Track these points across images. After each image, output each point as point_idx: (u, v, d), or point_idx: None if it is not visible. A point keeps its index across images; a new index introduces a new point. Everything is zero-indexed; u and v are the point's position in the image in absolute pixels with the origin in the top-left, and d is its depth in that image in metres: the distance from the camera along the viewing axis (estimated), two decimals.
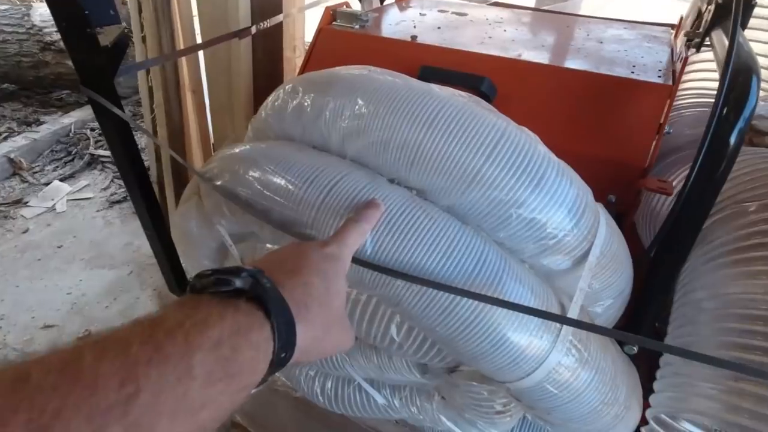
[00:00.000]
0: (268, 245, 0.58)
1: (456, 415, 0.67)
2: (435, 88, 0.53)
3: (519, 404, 0.59)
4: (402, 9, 1.21)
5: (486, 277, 0.46)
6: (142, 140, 2.37)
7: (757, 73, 0.51)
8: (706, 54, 0.92)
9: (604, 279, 0.52)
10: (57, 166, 2.78)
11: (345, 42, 0.94)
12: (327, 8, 0.99)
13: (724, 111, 0.51)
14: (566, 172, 0.49)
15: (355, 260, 0.45)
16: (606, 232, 0.51)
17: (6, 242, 2.22)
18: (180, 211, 0.69)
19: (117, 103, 0.89)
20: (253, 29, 1.20)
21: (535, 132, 0.57)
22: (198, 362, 0.27)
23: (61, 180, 2.65)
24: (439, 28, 1.02)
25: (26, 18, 3.03)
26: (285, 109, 0.57)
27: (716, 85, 0.52)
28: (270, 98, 0.62)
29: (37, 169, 2.74)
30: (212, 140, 1.81)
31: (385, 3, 1.40)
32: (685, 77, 1.00)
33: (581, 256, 0.49)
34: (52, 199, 2.51)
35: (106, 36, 0.83)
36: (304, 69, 0.97)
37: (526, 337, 0.45)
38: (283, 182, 0.51)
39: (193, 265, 0.78)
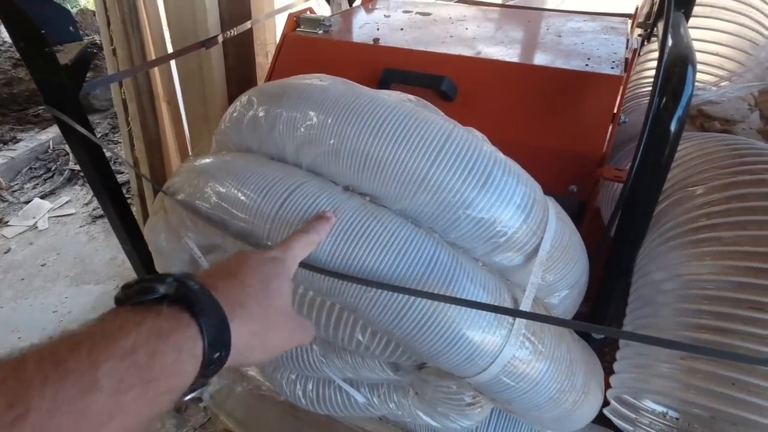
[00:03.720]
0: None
1: (431, 410, 0.69)
2: (383, 94, 0.54)
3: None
4: (368, 11, 1.22)
5: (438, 277, 0.47)
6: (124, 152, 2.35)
7: (693, 63, 0.53)
8: None
9: (557, 271, 0.54)
10: (37, 184, 2.75)
11: (309, 48, 0.95)
12: (290, 15, 0.99)
13: (663, 101, 0.53)
14: (513, 170, 0.51)
15: (309, 266, 0.47)
16: (556, 226, 0.52)
17: None
18: (149, 225, 0.69)
19: (83, 119, 0.89)
20: (220, 38, 1.20)
21: (496, 127, 0.59)
22: (105, 373, 0.27)
23: (42, 197, 2.63)
24: (402, 29, 1.03)
25: None
26: (242, 121, 0.58)
27: None
28: (228, 110, 0.63)
29: (16, 187, 2.71)
30: (190, 151, 1.81)
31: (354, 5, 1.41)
32: (644, 66, 1.02)
33: (532, 251, 0.51)
34: (34, 217, 2.48)
35: (67, 54, 0.83)
36: (270, 77, 0.98)
37: (480, 334, 0.47)
38: (239, 195, 0.52)
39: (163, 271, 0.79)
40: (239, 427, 1.23)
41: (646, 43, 0.93)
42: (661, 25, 0.72)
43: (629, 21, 1.08)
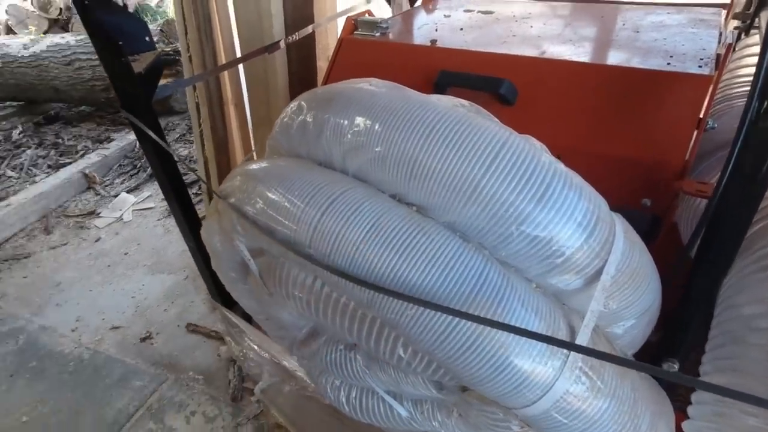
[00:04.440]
0: (282, 259, 0.59)
1: None
2: (433, 99, 0.51)
3: None
4: (428, 11, 1.19)
5: (486, 297, 0.44)
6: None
7: None
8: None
9: (623, 298, 0.48)
10: (124, 179, 3.02)
11: (366, 51, 0.94)
12: (348, 18, 0.99)
13: (764, 104, 0.45)
14: (574, 183, 0.46)
15: (349, 277, 0.45)
16: (623, 247, 0.46)
17: (82, 250, 2.44)
18: (205, 226, 0.72)
19: (154, 123, 0.95)
20: (282, 43, 1.24)
21: (560, 134, 0.54)
22: None
23: (128, 192, 2.88)
24: (461, 29, 0.99)
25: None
26: (291, 127, 0.58)
27: None
28: (280, 115, 0.64)
29: (107, 182, 3.00)
30: (255, 153, 1.89)
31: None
32: (740, 62, 0.90)
33: (594, 274, 0.46)
34: (120, 210, 2.73)
35: (142, 62, 0.89)
36: (326, 80, 0.98)
37: (530, 363, 0.42)
38: (284, 201, 0.52)
39: (222, 277, 0.81)
40: (288, 423, 1.26)
41: (743, 36, 0.82)
42: (764, 15, 0.62)
43: (723, 12, 0.96)
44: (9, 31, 5.75)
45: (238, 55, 1.64)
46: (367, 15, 1.01)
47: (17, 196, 2.71)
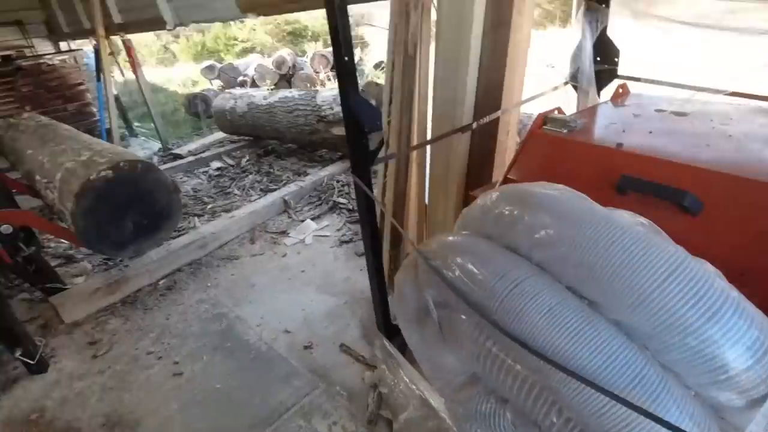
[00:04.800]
0: (463, 317, 0.74)
1: None
2: (616, 214, 0.61)
3: None
4: (617, 108, 1.26)
5: (642, 394, 0.51)
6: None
7: None
8: None
9: None
10: (310, 208, 3.63)
11: (553, 146, 1.07)
12: (539, 115, 1.14)
13: None
14: (746, 311, 0.50)
15: (527, 347, 0.57)
16: None
17: (273, 262, 3.01)
18: (401, 272, 0.92)
19: (368, 183, 1.23)
20: (474, 125, 1.45)
21: (746, 252, 0.57)
22: None
23: (312, 219, 3.45)
24: (650, 132, 1.05)
25: (312, 99, 4.15)
26: (488, 214, 0.75)
27: None
28: (478, 201, 0.81)
29: (298, 208, 3.64)
30: (427, 208, 2.12)
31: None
32: None
33: (759, 398, 0.49)
34: (304, 233, 3.28)
35: (373, 140, 1.17)
36: (512, 165, 1.14)
37: None
38: (478, 274, 0.67)
39: (399, 315, 1.01)
40: None
41: None
42: None
43: None
44: (253, 84, 7.48)
45: (428, 126, 1.92)
46: (556, 112, 1.15)
47: (239, 210, 3.49)
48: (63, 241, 3.35)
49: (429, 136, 1.95)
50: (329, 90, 4.33)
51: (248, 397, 2.00)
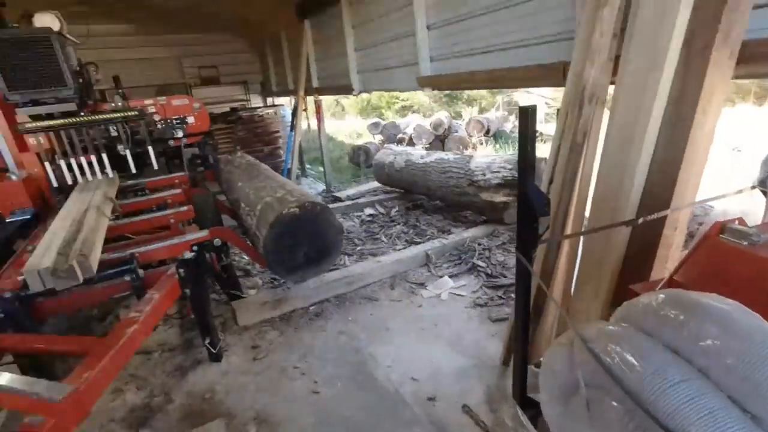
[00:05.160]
0: (614, 403, 0.80)
1: None
2: None
3: None
4: None
5: None
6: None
7: None
8: None
9: None
10: (449, 266, 3.79)
11: (729, 257, 1.05)
12: (717, 222, 1.13)
13: None
14: None
15: None
16: None
17: (409, 310, 3.22)
18: (553, 349, 1.01)
19: (530, 262, 1.34)
20: (640, 221, 1.46)
21: None
22: None
23: (450, 276, 3.59)
24: None
25: (466, 164, 4.42)
26: (653, 313, 0.81)
27: None
28: (642, 298, 0.87)
29: (438, 264, 3.83)
30: (572, 290, 2.10)
31: None
32: None
33: None
34: (441, 289, 3.44)
35: (542, 224, 1.30)
36: (680, 267, 1.14)
37: None
38: (637, 365, 0.74)
39: (544, 389, 1.08)
40: None
41: None
42: None
43: None
44: (410, 141, 8.21)
45: (587, 211, 1.95)
46: (737, 222, 1.12)
47: (384, 256, 3.84)
48: (244, 257, 4.10)
49: (586, 221, 1.98)
50: (483, 157, 4.56)
51: (367, 428, 2.16)
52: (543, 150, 3.95)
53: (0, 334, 2.05)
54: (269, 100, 9.05)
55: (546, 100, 10.80)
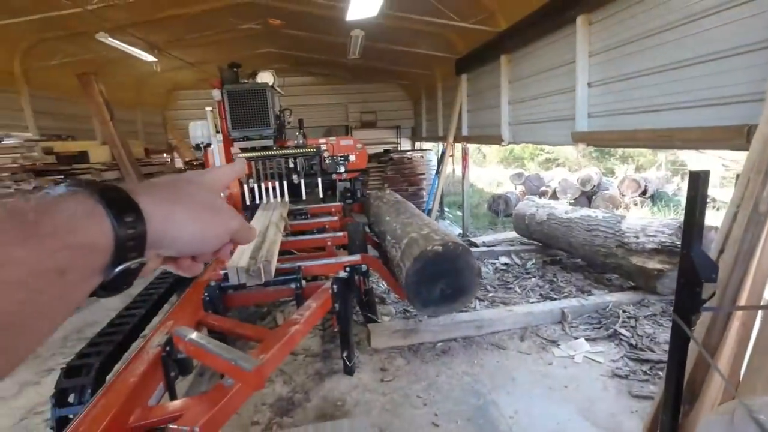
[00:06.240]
0: None
1: None
2: None
3: None
4: None
5: None
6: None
7: None
8: None
9: None
10: (587, 329, 3.56)
11: None
12: None
13: None
14: None
15: None
16: None
17: (537, 365, 3.12)
18: (710, 419, 0.98)
19: (689, 328, 1.30)
20: None
21: None
22: (17, 223, 0.33)
23: (586, 340, 3.38)
24: None
25: (617, 223, 4.16)
26: None
27: None
28: None
29: (574, 324, 3.63)
30: (742, 368, 1.86)
31: None
32: None
33: None
34: (575, 351, 3.25)
35: (705, 290, 1.26)
36: None
37: None
38: None
39: None
40: None
41: None
42: None
43: None
44: (553, 195, 7.95)
45: (767, 293, 1.74)
46: None
47: (516, 306, 3.79)
48: (381, 285, 4.44)
49: (765, 302, 1.76)
50: (637, 218, 4.23)
51: None
52: (713, 218, 3.49)
53: (205, 312, 2.64)
54: (417, 145, 9.73)
55: (723, 161, 9.41)
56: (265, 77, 4.10)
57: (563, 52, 3.80)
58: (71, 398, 1.93)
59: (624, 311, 3.67)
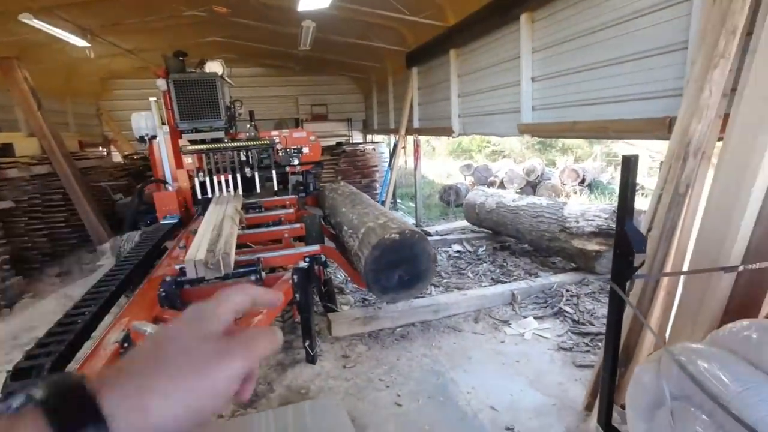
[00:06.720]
0: (704, 416, 0.92)
1: None
2: None
3: None
4: None
5: None
6: None
7: None
8: None
9: None
10: (535, 308, 3.81)
11: None
12: None
13: None
14: None
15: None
16: None
17: (491, 344, 3.31)
18: (642, 366, 1.14)
19: (623, 292, 1.47)
20: (740, 267, 1.51)
21: None
22: None
23: (534, 318, 3.62)
24: None
25: (560, 209, 4.46)
26: (738, 335, 0.92)
27: None
28: (729, 325, 0.99)
29: (523, 305, 3.87)
30: (668, 329, 2.10)
31: None
32: None
33: None
34: (524, 329, 3.48)
35: (638, 259, 1.43)
36: None
37: None
38: (721, 374, 0.87)
39: (631, 405, 1.19)
40: None
41: None
42: None
43: None
44: (501, 185, 8.32)
45: (686, 264, 1.98)
46: None
47: (470, 291, 3.98)
48: (339, 276, 4.49)
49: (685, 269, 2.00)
50: (577, 204, 4.56)
51: None
52: (642, 203, 3.86)
53: (161, 308, 2.57)
54: (369, 137, 9.80)
55: (650, 153, 10.27)
56: (214, 67, 3.99)
57: (509, 48, 4.01)
58: None
59: (567, 290, 3.97)
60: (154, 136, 4.41)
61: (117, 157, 8.97)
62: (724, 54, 1.94)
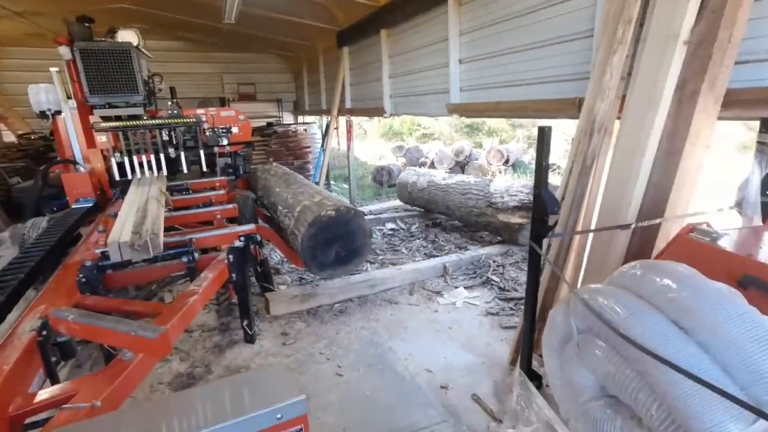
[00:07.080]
0: (600, 342, 1.09)
1: None
2: (720, 287, 0.93)
3: None
4: (760, 231, 1.46)
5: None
6: None
7: None
8: None
9: None
10: (465, 279, 4.07)
11: (694, 249, 1.34)
12: (689, 224, 1.44)
13: None
14: None
15: (642, 348, 0.92)
16: None
17: (425, 314, 3.50)
18: (555, 308, 1.31)
19: (540, 249, 1.65)
20: (632, 226, 1.76)
21: None
22: None
23: (465, 288, 3.87)
24: None
25: (486, 186, 4.75)
26: (627, 273, 1.11)
27: None
28: (622, 267, 1.17)
29: (454, 276, 4.11)
30: (581, 276, 2.37)
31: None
32: None
33: None
34: (456, 298, 3.71)
35: (551, 219, 1.61)
36: (662, 253, 1.44)
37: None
38: (614, 305, 1.04)
39: (546, 344, 1.37)
40: None
41: None
42: None
43: None
44: (431, 165, 8.59)
45: (593, 225, 2.26)
46: (705, 225, 1.42)
47: (404, 266, 4.14)
48: (275, 257, 4.44)
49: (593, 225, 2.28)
50: (502, 181, 4.88)
51: (390, 409, 2.42)
52: (556, 180, 4.24)
53: (82, 295, 2.41)
54: (300, 118, 9.60)
55: (565, 136, 11.16)
56: (128, 36, 3.69)
57: (438, 30, 4.14)
58: None
59: (494, 261, 4.27)
60: (59, 112, 4.00)
61: (10, 137, 7.97)
62: (622, 41, 2.20)
